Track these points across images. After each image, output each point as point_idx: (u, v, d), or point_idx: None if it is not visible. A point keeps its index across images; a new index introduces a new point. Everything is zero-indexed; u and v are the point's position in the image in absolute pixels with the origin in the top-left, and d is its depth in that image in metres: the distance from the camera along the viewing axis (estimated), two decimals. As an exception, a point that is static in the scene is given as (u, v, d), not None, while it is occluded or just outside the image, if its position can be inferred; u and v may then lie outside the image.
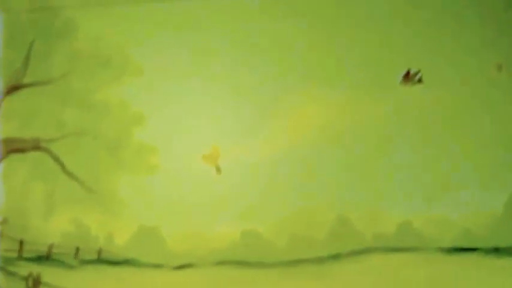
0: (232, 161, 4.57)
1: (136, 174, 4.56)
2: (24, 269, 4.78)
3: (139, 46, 4.82)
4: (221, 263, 4.59)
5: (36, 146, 4.81)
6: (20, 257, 4.79)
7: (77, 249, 4.66)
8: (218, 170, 4.56)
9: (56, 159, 4.74)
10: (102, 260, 4.59)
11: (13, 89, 4.82)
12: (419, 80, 4.62)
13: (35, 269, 4.76)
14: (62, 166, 4.72)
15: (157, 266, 4.51)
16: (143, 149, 4.59)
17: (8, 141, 4.93)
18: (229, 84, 4.67)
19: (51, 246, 4.69)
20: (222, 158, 4.58)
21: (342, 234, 4.62)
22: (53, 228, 4.73)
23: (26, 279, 4.75)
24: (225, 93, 4.67)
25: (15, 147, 4.89)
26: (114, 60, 4.79)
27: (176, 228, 4.53)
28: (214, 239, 4.55)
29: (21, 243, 4.78)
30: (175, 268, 4.55)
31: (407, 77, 4.62)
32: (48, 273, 4.73)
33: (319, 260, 4.64)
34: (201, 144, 4.58)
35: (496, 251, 4.40)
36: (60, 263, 4.68)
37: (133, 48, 4.82)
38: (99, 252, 4.60)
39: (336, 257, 4.63)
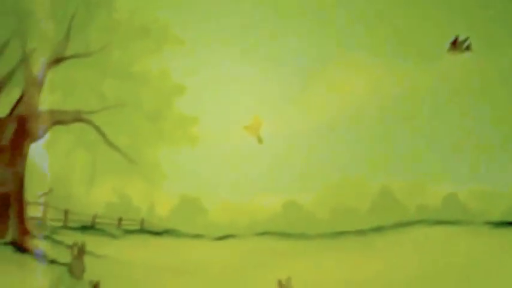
0: (274, 131, 4.51)
1: (177, 145, 4.54)
2: (69, 237, 4.86)
3: (179, 16, 4.76)
4: (262, 234, 4.56)
5: (78, 117, 4.84)
6: (65, 226, 4.87)
7: (120, 219, 4.71)
8: (260, 140, 4.51)
9: (98, 131, 4.76)
10: (144, 230, 4.63)
11: (56, 61, 4.84)
12: (468, 48, 4.44)
13: (79, 238, 4.83)
14: (104, 137, 4.75)
15: (198, 237, 4.51)
16: (184, 120, 4.56)
17: (51, 113, 4.98)
18: (270, 53, 4.58)
19: (94, 216, 4.75)
20: (264, 128, 4.52)
21: (385, 206, 4.53)
22: (96, 199, 4.77)
23: (71, 247, 4.83)
24: (266, 63, 4.59)
25: (58, 119, 4.93)
26: (153, 30, 4.75)
27: (217, 199, 4.51)
28: (255, 210, 4.52)
29: (65, 213, 4.85)
30: (216, 239, 4.55)
31: (454, 44, 4.45)
32: (91, 242, 4.79)
33: (361, 233, 4.57)
34: (242, 114, 4.53)
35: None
36: (103, 232, 4.73)
37: (172, 18, 4.76)
38: (142, 222, 4.63)
39: (378, 229, 4.55)
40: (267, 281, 4.19)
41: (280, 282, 4.40)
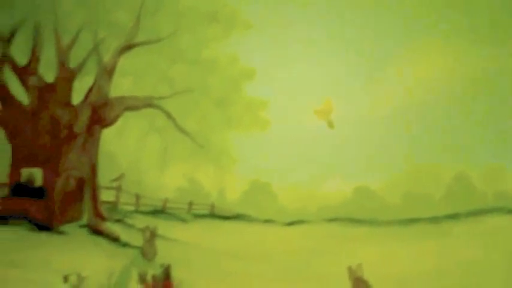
0: (345, 115, 4.43)
1: (247, 130, 4.54)
2: (141, 221, 4.95)
3: (247, 0, 4.73)
4: (333, 220, 4.50)
5: (148, 103, 4.91)
6: (137, 210, 4.96)
7: (190, 203, 4.76)
8: (331, 124, 4.43)
9: (168, 116, 4.81)
10: (214, 214, 4.66)
11: (126, 49, 4.91)
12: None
13: (150, 222, 4.91)
14: (174, 122, 4.79)
15: (268, 222, 4.50)
16: (253, 104, 4.55)
17: (122, 99, 5.07)
18: (342, 37, 4.50)
19: (165, 201, 4.81)
20: (335, 112, 4.44)
21: (461, 192, 4.37)
22: (167, 183, 4.84)
23: (143, 231, 4.91)
24: (338, 47, 4.50)
25: (129, 106, 5.01)
26: (222, 15, 4.75)
27: (288, 184, 4.48)
28: (326, 196, 4.46)
29: (137, 197, 4.94)
30: (287, 224, 4.52)
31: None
32: (162, 226, 4.86)
33: (435, 220, 4.44)
34: (312, 98, 4.47)
35: None
36: (173, 216, 4.80)
37: (240, 2, 4.74)
38: (212, 207, 4.67)
39: (453, 216, 4.41)
40: (337, 267, 4.13)
41: (350, 269, 4.32)
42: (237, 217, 4.52)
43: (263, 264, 4.52)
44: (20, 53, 5.58)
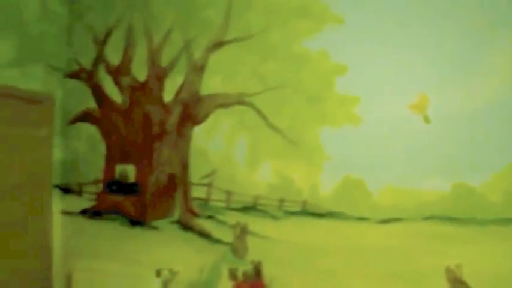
0: (442, 109, 4.26)
1: (339, 126, 4.45)
2: (232, 218, 4.98)
3: (337, -6, 4.67)
4: (429, 218, 4.34)
5: (240, 100, 4.93)
6: (228, 207, 5.00)
7: (281, 200, 4.73)
8: (427, 119, 4.28)
9: (259, 113, 4.82)
10: (306, 211, 4.60)
11: (216, 46, 4.96)
12: None
13: (241, 218, 4.94)
14: (265, 119, 4.79)
15: (362, 220, 4.40)
16: (345, 100, 4.46)
17: (213, 97, 5.13)
18: (432, 32, 4.33)
19: (256, 197, 4.82)
20: (431, 107, 4.29)
21: None
22: (258, 180, 4.84)
23: (233, 227, 4.95)
24: (428, 40, 4.34)
25: (220, 103, 5.07)
26: (313, 10, 4.69)
27: (382, 180, 4.36)
28: (422, 193, 4.31)
29: (228, 193, 4.97)
30: (381, 222, 4.40)
31: None
32: (253, 223, 4.87)
33: (540, 220, 4.18)
34: (406, 92, 4.33)
35: None
36: (264, 213, 4.79)
37: (331, -4, 4.68)
38: (303, 203, 4.61)
39: None
40: (434, 267, 3.99)
41: (448, 269, 4.16)
42: (329, 214, 4.44)
43: (356, 262, 4.43)
44: (112, 54, 5.79)
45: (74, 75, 5.94)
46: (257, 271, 4.56)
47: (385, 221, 4.23)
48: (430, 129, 4.23)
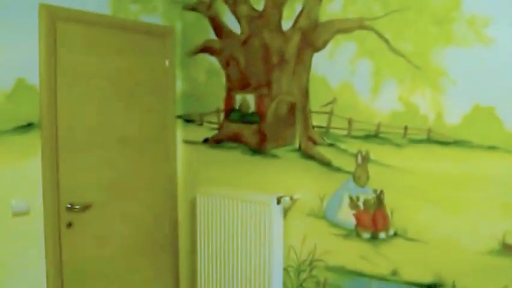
0: None
1: (468, 48, 4.16)
2: (353, 146, 4.93)
3: None
4: None
5: (360, 25, 4.76)
6: (349, 135, 4.95)
7: (405, 128, 4.58)
8: None
9: (381, 37, 4.62)
10: (431, 139, 4.43)
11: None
12: None
13: (363, 146, 4.88)
14: (387, 44, 4.59)
15: (491, 149, 4.15)
16: (475, 20, 4.13)
17: (332, 23, 4.99)
18: None
19: (378, 125, 4.71)
20: None
21: None
22: (381, 107, 4.71)
23: (355, 155, 4.91)
24: None
25: (340, 28, 4.93)
26: None
27: (513, 107, 4.05)
28: None
29: (349, 121, 4.91)
30: (512, 151, 4.13)
31: None
32: (375, 151, 4.79)
33: None
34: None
35: None
36: (387, 141, 4.68)
37: None
38: (429, 131, 4.44)
39: None
40: None
41: None
42: (456, 143, 4.22)
43: (483, 192, 4.22)
44: (229, -17, 5.78)
45: (193, 7, 6.03)
46: (379, 200, 4.53)
47: (518, 150, 3.96)
48: None
